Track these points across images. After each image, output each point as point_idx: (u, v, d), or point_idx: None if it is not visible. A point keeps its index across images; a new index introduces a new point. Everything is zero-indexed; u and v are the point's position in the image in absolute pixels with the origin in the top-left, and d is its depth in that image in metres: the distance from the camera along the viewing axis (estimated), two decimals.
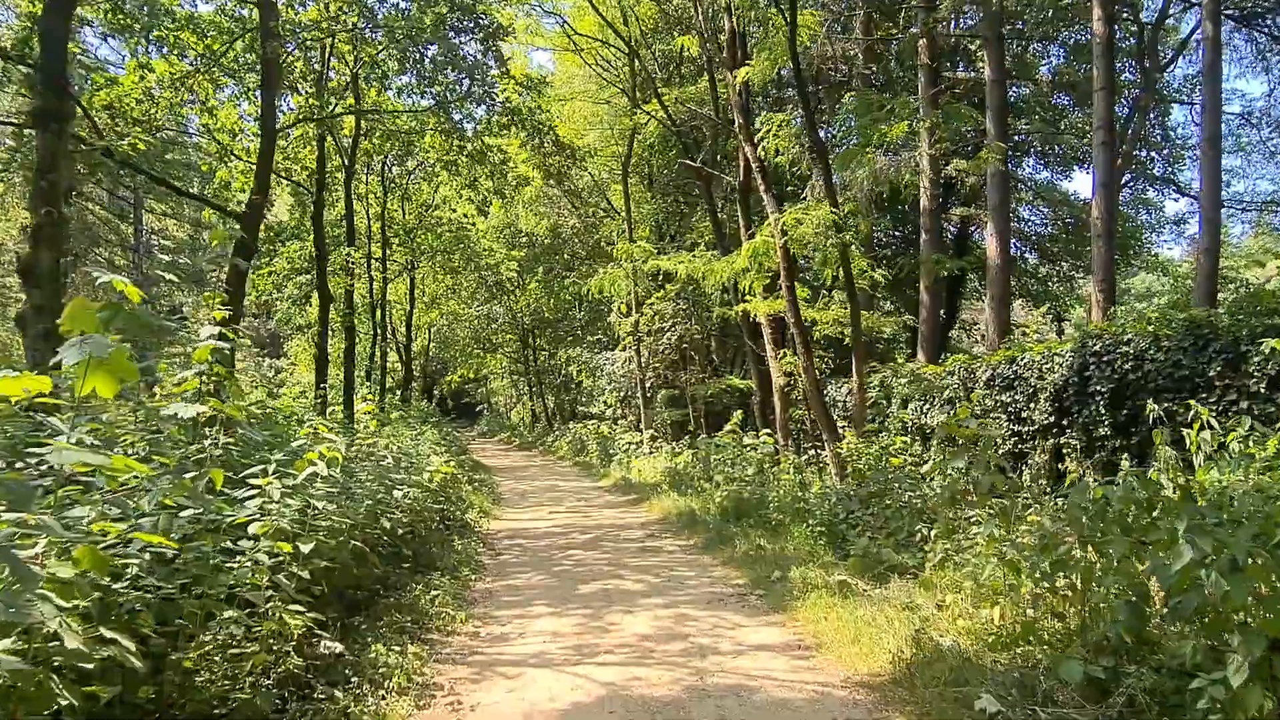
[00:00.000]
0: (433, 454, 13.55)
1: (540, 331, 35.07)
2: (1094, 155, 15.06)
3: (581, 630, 5.89)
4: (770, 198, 10.35)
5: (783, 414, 13.09)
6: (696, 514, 11.41)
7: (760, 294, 12.50)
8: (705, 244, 18.99)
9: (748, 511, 10.53)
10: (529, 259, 31.07)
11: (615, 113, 24.29)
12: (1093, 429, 10.09)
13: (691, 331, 20.33)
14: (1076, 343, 10.74)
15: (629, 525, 11.59)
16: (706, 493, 12.92)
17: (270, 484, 4.16)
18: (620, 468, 19.58)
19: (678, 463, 16.61)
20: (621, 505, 14.17)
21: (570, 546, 9.74)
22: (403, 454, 10.01)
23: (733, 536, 9.14)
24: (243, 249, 9.30)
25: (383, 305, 23.23)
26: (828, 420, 10.25)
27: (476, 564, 8.42)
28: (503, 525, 11.85)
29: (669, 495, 13.42)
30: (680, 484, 14.32)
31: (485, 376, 46.22)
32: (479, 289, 34.32)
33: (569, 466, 23.48)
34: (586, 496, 15.79)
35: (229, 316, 9.46)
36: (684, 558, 8.83)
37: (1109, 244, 14.89)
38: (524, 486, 18.07)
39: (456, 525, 10.65)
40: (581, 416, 30.30)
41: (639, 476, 17.51)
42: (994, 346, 15.70)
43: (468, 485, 15.62)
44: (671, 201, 25.86)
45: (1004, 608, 4.70)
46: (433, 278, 29.59)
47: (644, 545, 9.71)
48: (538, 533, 11.02)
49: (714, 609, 6.45)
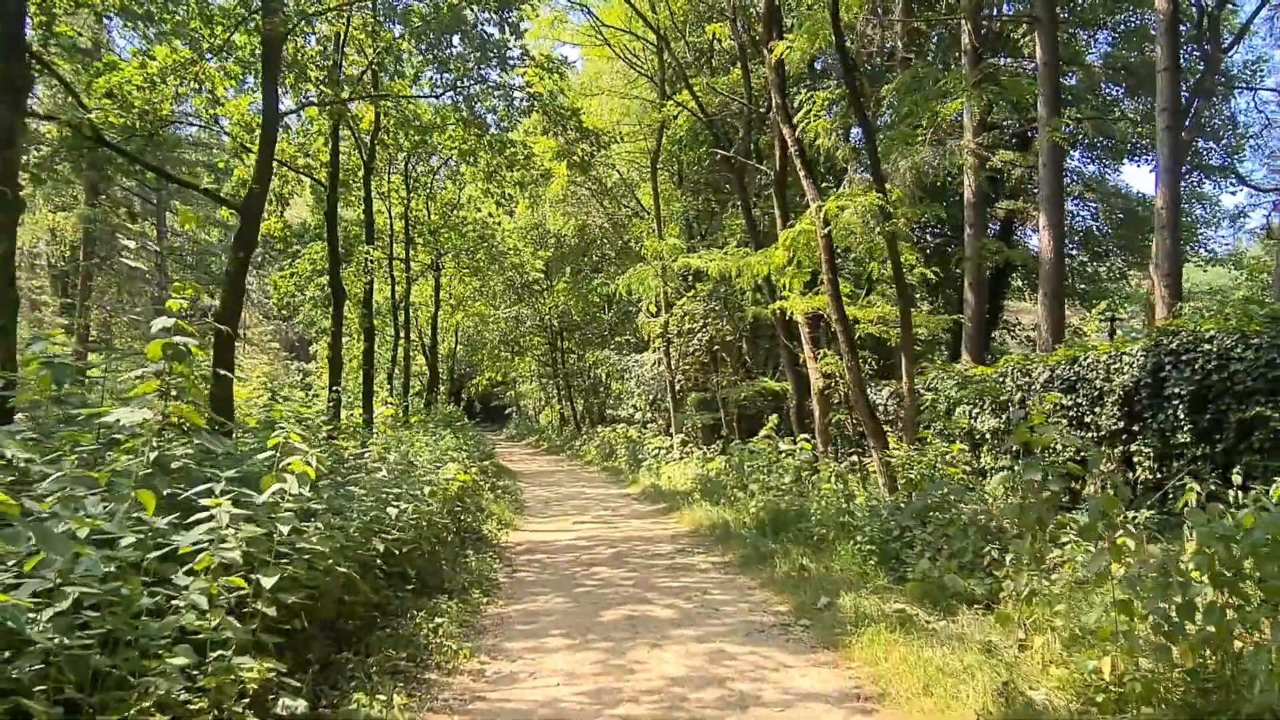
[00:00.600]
0: (450, 461, 12.88)
1: (569, 334, 34.42)
2: (1158, 140, 14.02)
3: (601, 670, 5.10)
4: (810, 183, 9.52)
5: (822, 418, 12.23)
6: (730, 526, 10.59)
7: (798, 291, 11.66)
8: (737, 241, 18.18)
9: (786, 524, 9.70)
10: (556, 259, 30.44)
11: (644, 107, 23.57)
12: (1170, 435, 9.13)
13: (723, 332, 19.50)
14: (1149, 341, 9.77)
15: (658, 538, 10.79)
16: (741, 503, 12.09)
17: (221, 506, 3.43)
18: (649, 474, 18.80)
19: (709, 469, 15.80)
20: (650, 515, 13.38)
21: (594, 562, 8.96)
22: (407, 463, 9.28)
23: (771, 554, 8.30)
24: (242, 242, 8.67)
25: (406, 307, 22.69)
26: (875, 425, 9.37)
27: (490, 584, 7.67)
28: (523, 537, 11.12)
29: (700, 505, 12.61)
30: (712, 492, 13.50)
31: (514, 380, 45.72)
32: (506, 290, 33.78)
33: (596, 472, 22.74)
34: (613, 505, 15.03)
35: (227, 313, 8.88)
36: (718, 577, 8.01)
37: (1174, 235, 13.84)
38: (548, 493, 17.36)
39: (473, 538, 9.94)
40: (610, 420, 29.57)
41: (669, 484, 16.72)
42: (1048, 347, 14.69)
43: (489, 493, 14.95)
44: (701, 200, 25.07)
45: (1115, 658, 3.83)
46: (459, 279, 29.07)
47: (674, 562, 8.90)
48: (559, 546, 10.27)
49: (754, 643, 5.63)
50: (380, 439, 11.80)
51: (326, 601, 4.67)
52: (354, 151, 18.12)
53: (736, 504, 12.17)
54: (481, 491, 14.80)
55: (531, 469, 24.66)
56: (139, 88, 10.25)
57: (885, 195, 8.85)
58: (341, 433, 11.56)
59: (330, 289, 12.95)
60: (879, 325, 12.87)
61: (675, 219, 23.46)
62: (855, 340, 9.50)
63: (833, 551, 8.11)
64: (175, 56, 10.61)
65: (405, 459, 9.92)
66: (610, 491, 17.58)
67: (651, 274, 18.19)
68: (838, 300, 9.20)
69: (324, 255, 20.16)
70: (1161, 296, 13.53)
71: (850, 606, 5.97)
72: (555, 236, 31.33)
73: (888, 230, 8.96)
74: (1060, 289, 15.15)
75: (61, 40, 8.99)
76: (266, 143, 8.94)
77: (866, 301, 12.35)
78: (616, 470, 21.64)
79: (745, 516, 11.04)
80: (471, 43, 11.37)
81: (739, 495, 12.55)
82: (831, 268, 9.17)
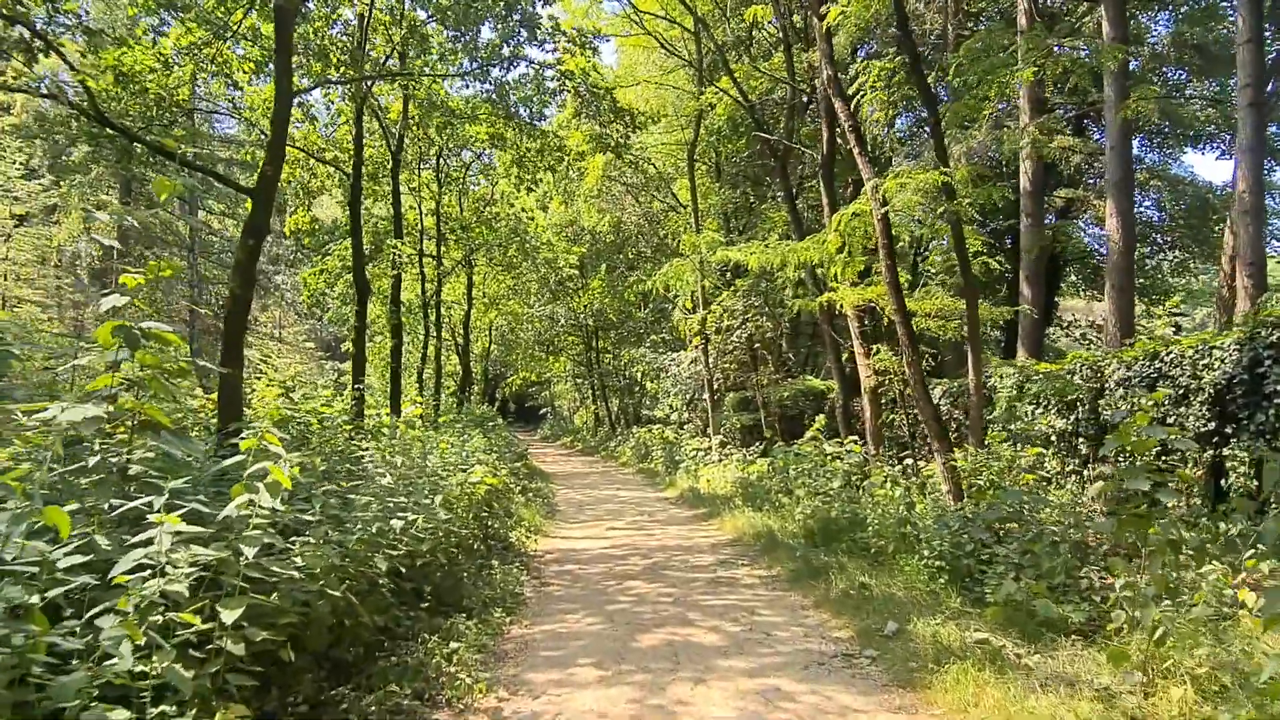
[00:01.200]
0: (478, 463, 12.25)
1: (604, 333, 33.79)
2: (1240, 119, 12.89)
3: (637, 711, 4.36)
4: (865, 161, 8.68)
5: (874, 419, 11.37)
6: (776, 535, 9.80)
7: (848, 281, 10.82)
8: (779, 234, 17.36)
9: (839, 534, 8.89)
10: (591, 255, 29.81)
11: (680, 97, 22.82)
12: (1273, 438, 8.17)
13: (763, 329, 18.67)
14: (1243, 333, 8.80)
15: (698, 547, 10.04)
16: (786, 509, 11.29)
17: (165, 524, 2.75)
18: (687, 476, 18.05)
19: (750, 473, 15.01)
20: (689, 521, 12.63)
21: (629, 575, 8.24)
22: (418, 467, 8.63)
23: (825, 568, 7.50)
24: (253, 229, 8.09)
25: (437, 304, 22.20)
26: (938, 426, 8.51)
27: (514, 600, 6.98)
28: (553, 545, 10.43)
29: (742, 511, 11.83)
30: (755, 497, 12.72)
31: (549, 380, 45.24)
32: (541, 289, 33.26)
33: (632, 474, 22.04)
34: (649, 509, 14.30)
35: (237, 305, 8.31)
36: (767, 594, 7.23)
37: (1258, 221, 12.73)
38: (582, 496, 16.69)
39: (499, 547, 9.27)
40: (645, 421, 28.85)
41: (707, 487, 15.95)
42: (1114, 343, 13.66)
43: (519, 496, 14.32)
44: (739, 193, 24.27)
45: None
46: (493, 277, 28.58)
47: (716, 576, 8.14)
48: (592, 555, 9.57)
49: (814, 678, 4.85)
50: (396, 440, 11.21)
51: (317, 629, 4.00)
52: (381, 143, 17.64)
53: (782, 510, 11.38)
54: (511, 495, 14.17)
55: (565, 470, 24.04)
56: (151, 70, 9.75)
57: (950, 171, 8.00)
58: (364, 433, 11.00)
59: (354, 284, 12.38)
60: (935, 320, 11.98)
61: (712, 213, 22.67)
62: (915, 333, 8.64)
63: (893, 566, 7.29)
64: (189, 38, 10.12)
65: (415, 461, 9.29)
66: (646, 495, 16.86)
67: (689, 268, 17.41)
68: (896, 289, 8.36)
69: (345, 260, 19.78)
70: (1244, 288, 12.42)
71: (926, 636, 5.15)
72: (590, 233, 30.70)
73: (952, 211, 8.10)
74: (1130, 281, 14.07)
75: (67, 18, 8.49)
76: (279, 121, 8.34)
77: (924, 292, 11.44)
78: (652, 472, 20.92)
79: (792, 524, 10.25)
80: (497, 10, 10.69)
81: (784, 501, 11.76)
82: (890, 252, 8.33)
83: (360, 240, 12.25)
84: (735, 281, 19.74)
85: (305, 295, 20.95)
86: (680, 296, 22.95)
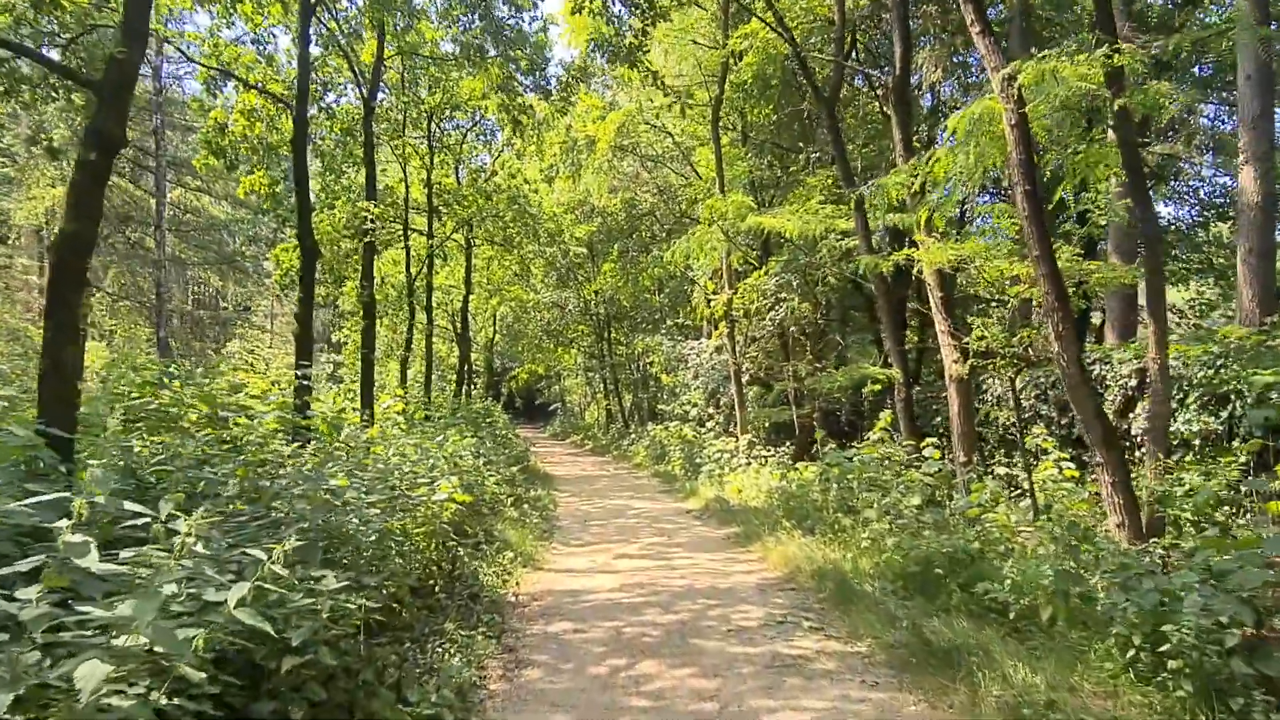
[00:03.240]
0: (456, 472, 9.65)
1: (616, 322, 31.15)
2: None
3: None
4: (988, 42, 5.98)
5: (965, 418, 8.68)
6: (845, 575, 7.14)
7: (931, 236, 8.13)
8: (821, 198, 14.62)
9: (942, 580, 6.24)
10: (601, 235, 27.14)
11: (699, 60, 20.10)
12: None
13: (800, 311, 15.96)
14: None
15: (738, 591, 7.38)
16: (851, 535, 8.63)
17: None
18: (711, 483, 15.40)
19: (792, 481, 12.36)
20: (720, 545, 9.97)
21: (644, 649, 5.59)
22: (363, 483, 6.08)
23: (952, 649, 4.82)
24: (97, 137, 5.51)
25: (428, 286, 19.62)
26: (1104, 428, 5.78)
27: (464, 708, 4.36)
28: (544, 584, 7.80)
29: (790, 535, 9.16)
30: (802, 515, 10.06)
31: (558, 374, 42.66)
32: (548, 272, 30.67)
33: (646, 478, 19.40)
34: (669, 526, 11.66)
35: (70, 245, 5.73)
36: (862, 698, 4.57)
37: None
38: (589, 506, 14.07)
39: (463, 595, 6.65)
40: (662, 417, 26.21)
41: (737, 497, 13.31)
42: (1250, 320, 10.92)
43: (511, 510, 11.73)
44: (766, 163, 21.51)
45: None
46: (497, 260, 26.00)
47: (774, 652, 5.47)
48: (594, 604, 6.94)
49: None
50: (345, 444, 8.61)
51: None
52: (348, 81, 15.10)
53: (844, 536, 8.72)
54: (502, 509, 11.58)
55: (573, 473, 21.43)
56: None
57: (1119, 50, 5.31)
58: (309, 434, 8.47)
59: (300, 243, 9.79)
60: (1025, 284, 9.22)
61: (739, 183, 19.94)
62: (1066, 291, 5.92)
63: (1058, 646, 4.65)
64: None
65: (367, 472, 6.70)
66: (664, 505, 14.21)
67: (714, 237, 14.71)
68: (1040, 225, 5.63)
69: (331, 224, 17.24)
70: None
71: None
72: (600, 213, 28.03)
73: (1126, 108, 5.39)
74: (1271, 244, 11.26)
75: None
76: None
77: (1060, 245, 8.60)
78: (670, 476, 18.28)
79: (866, 559, 7.58)
80: None
81: (844, 522, 9.10)
82: (1027, 172, 5.60)
83: (305, 186, 9.64)
84: (769, 260, 17.03)
85: (278, 275, 18.46)
86: (701, 274, 20.26)
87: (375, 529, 5.43)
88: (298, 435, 8.32)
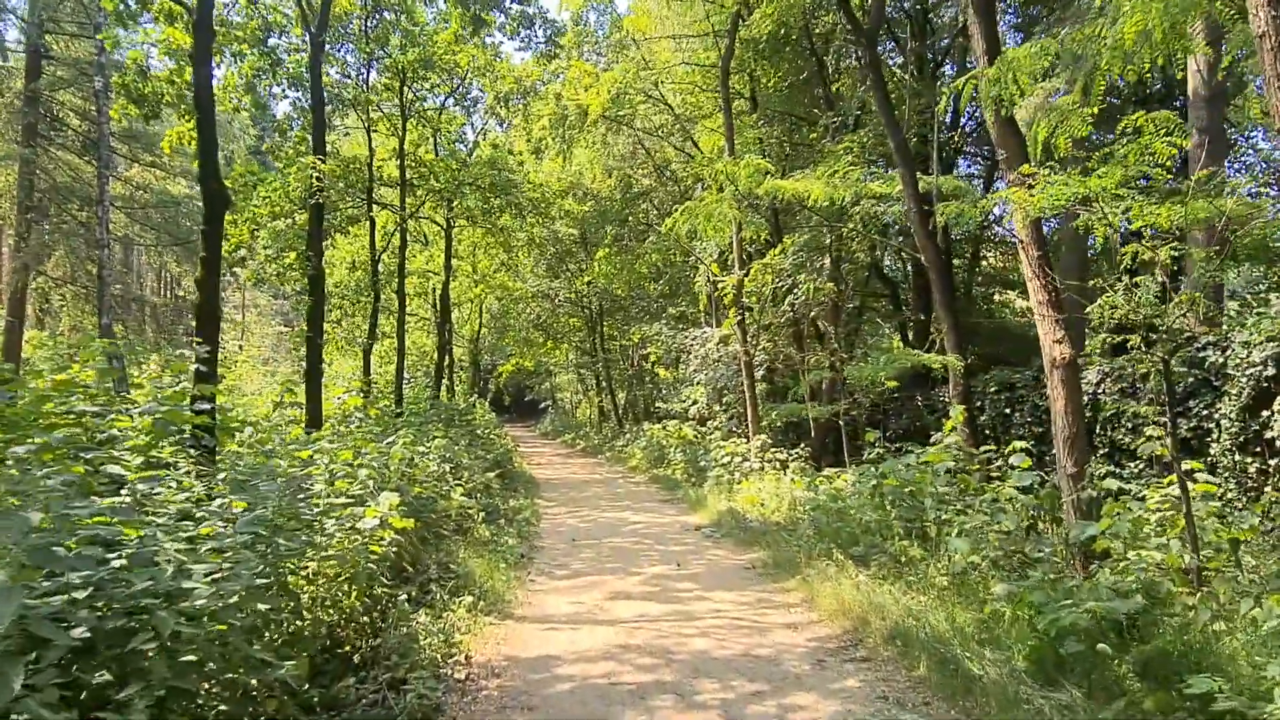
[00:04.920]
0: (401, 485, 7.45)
1: (610, 316, 28.95)
2: None
3: None
4: None
5: (1073, 415, 6.51)
6: (946, 642, 4.96)
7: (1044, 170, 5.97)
8: (850, 160, 12.48)
9: (1107, 663, 4.10)
10: (594, 217, 24.93)
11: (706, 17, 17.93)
12: None
13: (822, 293, 13.79)
14: None
15: (785, 663, 5.18)
16: (920, 568, 6.48)
17: None
18: (720, 492, 13.23)
19: (821, 491, 10.20)
20: (745, 580, 7.77)
21: None
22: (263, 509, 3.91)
23: None
24: None
25: (400, 267, 17.40)
26: None
27: None
28: (510, 644, 5.59)
29: (843, 569, 6.96)
30: (847, 537, 7.89)
31: (548, 370, 40.39)
32: (537, 261, 28.45)
33: (643, 483, 17.22)
34: (676, 549, 9.47)
35: None
36: None
37: None
38: (577, 521, 11.88)
39: (382, 679, 4.45)
40: (659, 415, 24.02)
41: (755, 510, 11.13)
42: None
43: (483, 528, 9.54)
44: (779, 133, 19.37)
45: None
46: (483, 250, 23.75)
47: None
48: (577, 684, 4.75)
49: None
50: (249, 449, 6.43)
51: None
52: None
53: (913, 571, 6.56)
54: (472, 525, 9.40)
55: (561, 476, 19.24)
56: None
57: None
58: (204, 434, 6.30)
59: (201, 188, 7.56)
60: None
61: (747, 150, 17.77)
62: None
63: None
64: None
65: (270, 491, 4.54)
66: (667, 519, 12.02)
67: (727, 204, 12.51)
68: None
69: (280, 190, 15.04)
70: None
71: None
72: (593, 195, 25.83)
73: None
74: None
75: None
76: None
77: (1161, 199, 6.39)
78: (670, 482, 16.11)
79: (958, 610, 5.41)
80: None
81: (911, 551, 6.93)
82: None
83: (210, 110, 7.41)
84: (784, 241, 14.88)
85: (229, 249, 16.19)
86: (706, 255, 18.10)
87: (214, 603, 3.24)
88: (196, 441, 6.16)
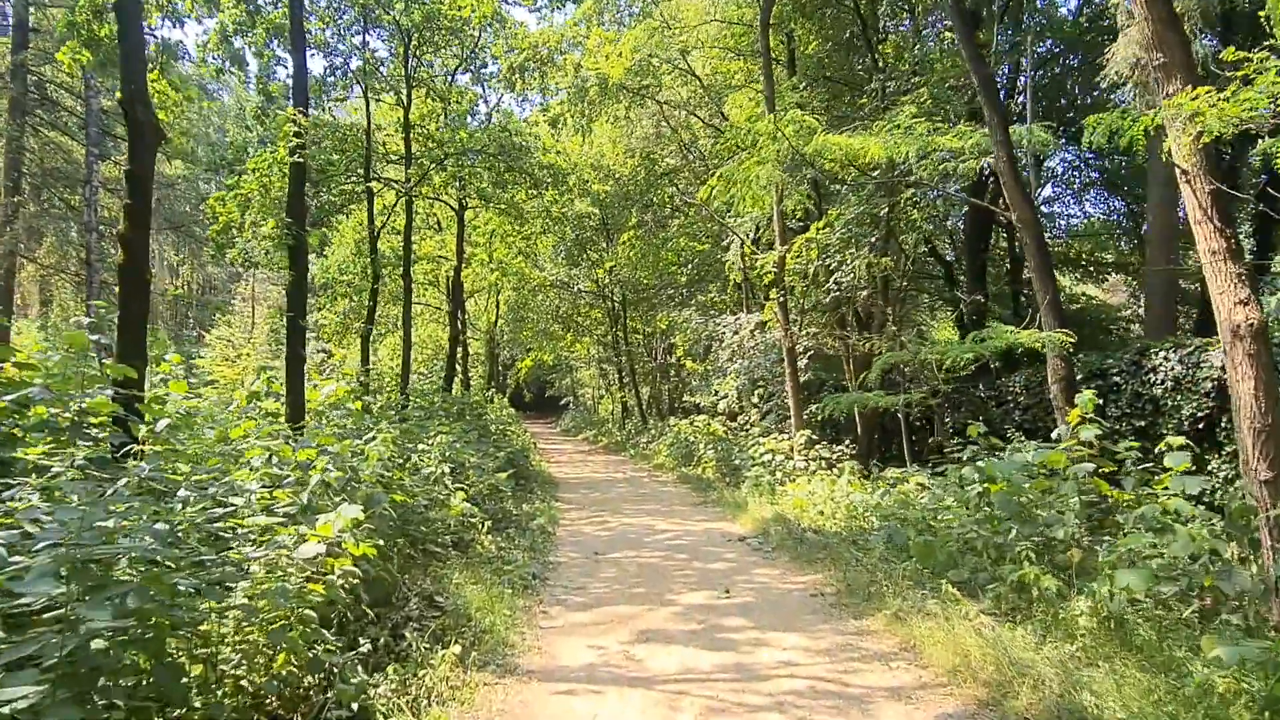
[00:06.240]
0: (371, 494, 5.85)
1: (633, 307, 27.30)
2: None
3: None
4: None
5: (1267, 399, 4.82)
6: None
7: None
8: (915, 110, 10.76)
9: None
10: (617, 199, 23.31)
11: None
12: None
13: (880, 267, 12.07)
14: None
15: None
16: (1056, 607, 4.80)
17: None
18: (761, 494, 11.56)
19: (888, 498, 8.54)
20: (814, 615, 6.06)
21: None
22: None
23: None
24: None
25: (406, 250, 15.84)
26: None
27: None
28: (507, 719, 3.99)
29: (951, 604, 5.30)
30: (944, 558, 6.20)
31: (569, 365, 38.83)
32: (556, 248, 26.93)
33: (670, 483, 15.57)
34: (717, 566, 7.81)
35: None
36: None
37: None
38: (598, 529, 10.24)
39: None
40: (685, 411, 22.36)
41: (805, 517, 9.46)
42: None
43: (486, 538, 7.95)
44: (821, 96, 17.62)
45: None
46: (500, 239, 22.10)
47: None
48: None
49: None
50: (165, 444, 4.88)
51: None
52: None
53: (1047, 610, 4.87)
54: (476, 535, 7.82)
55: (582, 475, 17.64)
56: None
57: None
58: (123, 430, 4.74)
59: (125, 114, 6.02)
60: None
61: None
62: None
63: None
64: None
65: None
66: (701, 526, 10.33)
67: (767, 165, 10.82)
68: None
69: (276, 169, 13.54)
70: None
71: None
72: (613, 176, 24.19)
73: None
74: None
75: None
76: None
77: None
78: (702, 483, 14.44)
79: (1134, 674, 3.73)
80: None
81: (1043, 580, 5.23)
82: None
83: (136, 19, 5.85)
84: (828, 213, 13.13)
85: (213, 231, 14.73)
86: (741, 227, 16.37)
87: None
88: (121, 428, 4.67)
